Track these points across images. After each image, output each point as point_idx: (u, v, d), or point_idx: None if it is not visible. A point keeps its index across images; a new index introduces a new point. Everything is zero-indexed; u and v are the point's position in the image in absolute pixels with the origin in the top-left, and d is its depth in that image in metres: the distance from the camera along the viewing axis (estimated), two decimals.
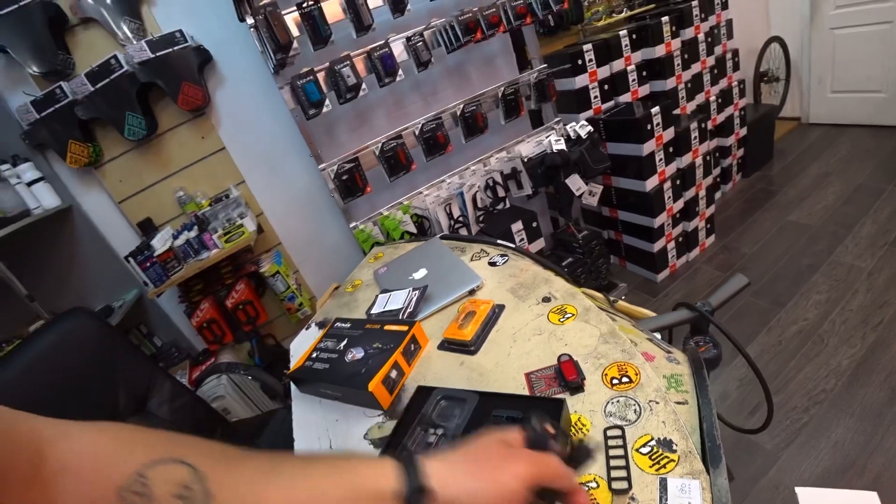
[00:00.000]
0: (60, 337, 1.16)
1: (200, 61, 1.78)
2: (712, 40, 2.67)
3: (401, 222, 1.72)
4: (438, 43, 1.76)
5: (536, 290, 0.92)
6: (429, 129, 1.79)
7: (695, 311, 0.95)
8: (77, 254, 1.92)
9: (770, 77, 3.51)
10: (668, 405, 0.60)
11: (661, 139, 2.14)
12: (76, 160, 1.73)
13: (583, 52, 2.19)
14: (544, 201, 2.33)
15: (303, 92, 1.53)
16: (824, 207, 2.54)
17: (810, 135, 3.41)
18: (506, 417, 0.59)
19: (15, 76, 1.69)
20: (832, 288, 2.01)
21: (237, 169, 1.99)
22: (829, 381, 1.63)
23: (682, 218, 2.41)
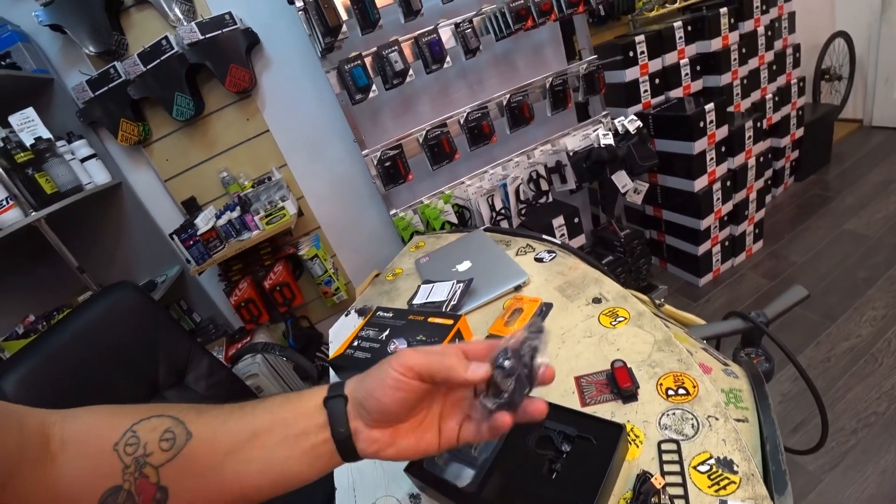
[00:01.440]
0: (107, 308, 1.20)
1: (248, 44, 1.79)
2: (772, 34, 2.52)
3: (442, 212, 1.70)
4: (487, 30, 1.71)
5: (586, 290, 0.89)
6: (474, 118, 1.75)
7: (749, 321, 0.90)
8: (124, 229, 1.99)
9: (832, 75, 3.31)
10: (729, 422, 0.57)
11: (713, 138, 2.04)
12: (127, 138, 1.78)
13: (634, 43, 2.10)
14: (586, 197, 2.27)
15: (350, 76, 1.52)
16: (885, 217, 2.38)
17: (872, 138, 3.21)
18: (558, 432, 0.57)
19: (72, 56, 1.75)
20: (890, 305, 1.88)
21: (280, 152, 2.00)
22: (882, 404, 1.54)
23: (730, 221, 2.31)
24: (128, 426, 0.41)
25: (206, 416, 0.43)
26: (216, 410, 0.44)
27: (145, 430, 0.41)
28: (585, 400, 0.66)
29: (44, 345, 1.05)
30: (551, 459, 0.55)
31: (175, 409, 0.43)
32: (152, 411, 0.43)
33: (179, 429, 0.41)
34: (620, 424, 0.55)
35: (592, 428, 0.56)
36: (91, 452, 0.40)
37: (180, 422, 0.42)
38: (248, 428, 0.42)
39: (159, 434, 0.41)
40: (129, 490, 0.39)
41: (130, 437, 0.40)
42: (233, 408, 0.44)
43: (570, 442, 0.56)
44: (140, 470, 0.39)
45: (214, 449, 0.42)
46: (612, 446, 0.52)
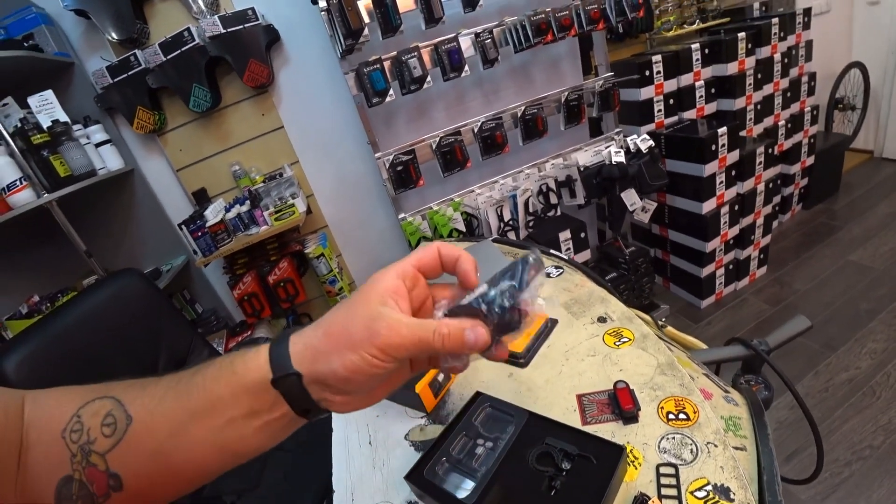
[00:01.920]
0: (112, 294, 1.21)
1: (269, 40, 1.81)
2: (789, 61, 2.53)
3: (450, 219, 1.71)
4: (507, 41, 1.72)
5: (592, 308, 0.89)
6: (488, 127, 1.76)
7: (751, 349, 0.91)
8: (133, 216, 2.00)
9: (846, 105, 3.31)
10: (727, 450, 0.57)
11: (724, 161, 2.05)
12: (142, 126, 1.80)
13: (651, 62, 2.12)
14: (594, 212, 2.28)
15: (368, 79, 1.54)
16: (891, 250, 2.38)
17: (882, 170, 3.21)
18: (559, 449, 0.57)
19: (94, 42, 1.77)
20: (891, 338, 1.88)
21: (293, 148, 2.02)
22: (877, 438, 1.54)
23: (736, 245, 2.31)
24: (73, 410, 0.39)
25: (146, 393, 0.40)
26: (154, 387, 0.41)
27: (88, 414, 0.39)
28: (587, 418, 0.67)
29: (48, 327, 1.06)
30: (551, 476, 0.55)
31: (120, 387, 0.41)
32: (98, 392, 0.40)
33: (119, 412, 0.39)
34: (621, 446, 0.55)
35: (593, 447, 0.56)
36: (45, 439, 0.39)
37: (121, 404, 0.39)
38: (183, 408, 0.39)
39: (101, 419, 0.38)
40: (80, 480, 0.38)
41: (75, 423, 0.39)
42: (169, 383, 0.40)
43: (570, 460, 0.56)
44: (87, 458, 0.38)
45: (154, 432, 0.39)
46: (612, 467, 0.53)
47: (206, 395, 0.39)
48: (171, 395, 0.40)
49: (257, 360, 0.39)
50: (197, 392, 0.39)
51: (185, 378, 0.40)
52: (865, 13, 3.17)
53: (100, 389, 0.41)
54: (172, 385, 0.40)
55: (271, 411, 0.39)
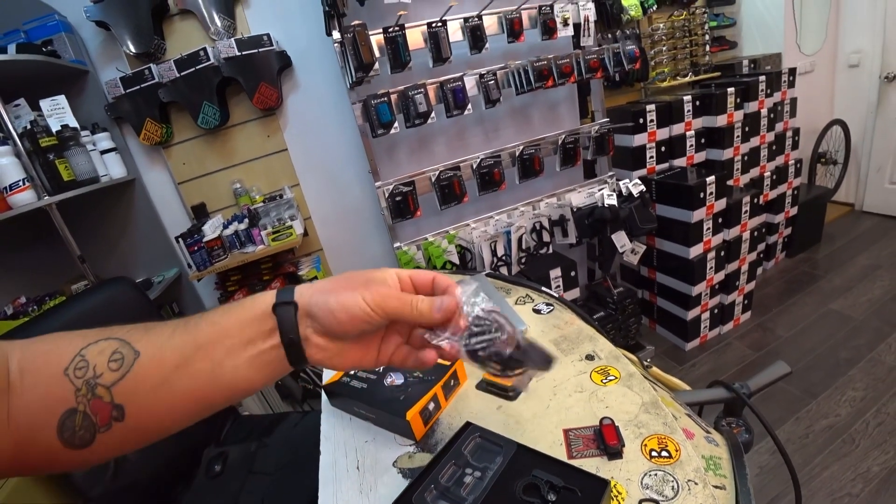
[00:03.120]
0: (103, 302, 1.20)
1: (281, 65, 1.87)
2: (775, 116, 2.66)
3: (445, 251, 1.74)
4: (509, 84, 1.80)
5: (580, 345, 0.92)
6: (486, 164, 1.82)
7: (732, 391, 0.93)
8: (130, 225, 2.00)
9: (828, 159, 3.46)
10: (707, 488, 0.59)
11: (711, 208, 2.12)
12: (149, 137, 1.82)
13: (645, 111, 2.21)
14: (584, 251, 2.33)
15: (375, 111, 1.59)
16: (869, 301, 2.45)
17: (862, 223, 3.33)
18: (545, 481, 0.59)
19: (111, 52, 1.81)
20: (870, 387, 1.92)
21: (294, 171, 2.06)
22: (856, 486, 1.55)
23: (721, 290, 2.37)
24: (76, 350, 0.41)
25: (152, 333, 0.43)
26: (162, 327, 0.44)
27: (93, 353, 0.41)
28: (572, 453, 0.69)
29: (33, 330, 1.03)
30: None
31: (122, 330, 0.44)
32: (100, 335, 0.43)
33: (126, 349, 0.42)
34: (605, 480, 0.57)
35: (578, 480, 0.58)
36: (44, 379, 0.40)
37: (127, 342, 0.42)
38: (192, 341, 0.43)
39: (108, 356, 0.41)
40: (85, 411, 0.40)
41: (79, 361, 0.41)
42: (177, 323, 0.45)
43: (555, 492, 0.57)
44: (92, 391, 0.40)
45: (162, 364, 0.42)
46: (597, 500, 0.54)
47: (215, 327, 0.44)
48: (179, 331, 0.44)
49: (266, 297, 0.45)
50: (206, 326, 0.44)
51: (195, 318, 0.45)
52: (846, 74, 3.35)
53: (100, 332, 0.43)
54: (181, 325, 0.44)
55: (265, 340, 0.44)
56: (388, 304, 0.45)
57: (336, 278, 0.47)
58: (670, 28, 2.68)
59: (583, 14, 1.84)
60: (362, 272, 0.47)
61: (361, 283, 0.45)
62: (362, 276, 0.47)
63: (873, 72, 3.14)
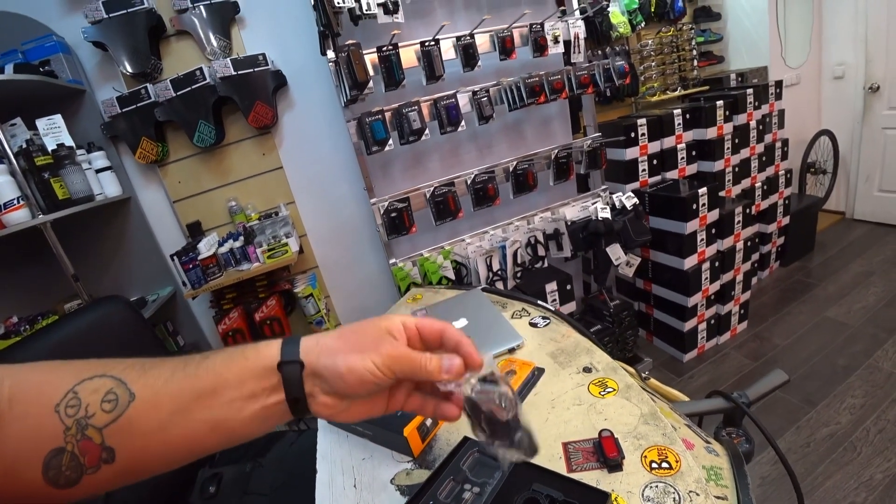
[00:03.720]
0: (95, 321, 1.18)
1: (276, 84, 1.89)
2: (763, 128, 2.71)
3: (441, 266, 1.74)
4: (502, 100, 1.82)
5: (577, 358, 0.92)
6: (481, 180, 1.83)
7: (731, 401, 0.93)
8: (125, 243, 1.99)
9: (817, 169, 3.51)
10: (709, 499, 0.59)
11: (704, 220, 2.14)
12: (145, 156, 1.83)
13: (636, 125, 2.24)
14: (579, 264, 2.34)
15: (370, 129, 1.60)
16: (864, 308, 2.47)
17: (854, 231, 3.36)
18: (545, 495, 0.59)
19: (107, 72, 1.82)
20: (868, 394, 1.92)
21: (290, 189, 2.06)
22: (860, 494, 1.54)
23: (717, 300, 2.38)
24: (69, 386, 0.40)
25: (150, 374, 0.42)
26: (159, 368, 0.43)
27: (87, 391, 0.40)
28: (572, 466, 0.68)
29: (26, 349, 1.02)
30: None
31: (118, 366, 0.42)
32: (95, 370, 0.42)
33: (122, 389, 0.40)
34: (606, 492, 0.57)
35: (578, 494, 0.58)
36: (33, 413, 0.39)
37: (122, 382, 0.41)
38: (191, 388, 0.42)
39: (101, 395, 0.40)
40: (73, 451, 0.39)
41: (72, 399, 0.40)
42: (176, 365, 0.43)
43: None
44: (82, 431, 0.39)
45: (158, 409, 0.41)
46: None
47: (215, 377, 0.43)
48: (178, 376, 0.42)
49: (269, 349, 0.44)
50: (206, 375, 0.43)
51: (194, 362, 0.44)
52: (831, 86, 3.42)
53: (96, 367, 0.42)
54: (180, 367, 0.43)
55: (269, 396, 0.43)
56: (398, 366, 0.45)
57: (343, 334, 0.46)
58: (658, 44, 2.73)
59: (573, 31, 1.88)
60: (369, 325, 0.47)
61: (371, 343, 0.45)
62: (370, 331, 0.46)
63: (857, 83, 3.21)
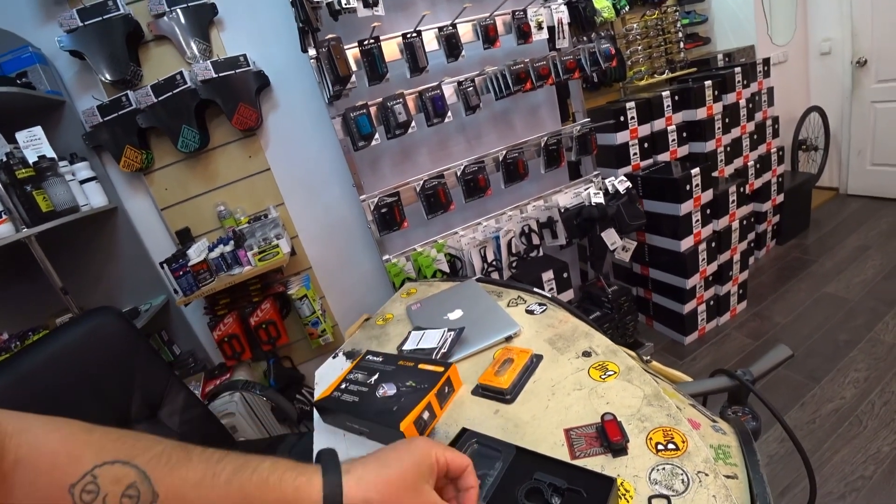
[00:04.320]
0: (87, 333, 1.16)
1: (259, 85, 1.86)
2: (753, 106, 2.70)
3: (434, 260, 1.72)
4: (488, 89, 1.80)
5: (576, 343, 0.90)
6: (471, 171, 1.81)
7: (735, 379, 0.92)
8: (114, 253, 1.96)
9: (809, 146, 3.50)
10: (719, 478, 0.57)
11: (699, 200, 2.13)
12: (129, 165, 1.80)
13: (625, 109, 2.23)
14: (575, 252, 2.33)
15: (355, 124, 1.58)
16: (863, 282, 2.46)
17: (848, 206, 3.36)
18: (548, 484, 0.56)
19: (86, 81, 1.79)
20: (871, 367, 1.91)
21: (278, 190, 2.04)
22: (868, 468, 1.53)
23: (715, 281, 2.37)
24: (88, 468, 0.37)
25: (176, 474, 0.40)
26: (186, 468, 0.40)
27: (107, 478, 0.37)
28: (575, 453, 0.66)
29: (16, 365, 1.00)
30: None
31: (144, 454, 0.40)
32: (118, 451, 0.39)
33: (145, 487, 0.38)
34: (611, 478, 0.54)
35: (583, 480, 0.55)
36: (44, 485, 0.37)
37: (146, 478, 0.39)
38: (220, 501, 0.40)
39: (122, 489, 0.37)
40: None
41: (89, 483, 0.37)
42: (206, 469, 0.41)
43: (559, 494, 0.55)
44: None
45: None
46: (603, 500, 0.52)
47: (246, 499, 0.41)
48: (207, 484, 0.40)
49: (310, 488, 0.42)
50: (237, 494, 0.41)
51: (226, 472, 0.41)
52: (819, 62, 3.42)
53: (119, 446, 0.40)
54: (209, 474, 0.41)
55: None
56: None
57: (387, 484, 0.45)
58: (644, 28, 2.71)
59: (556, 17, 1.86)
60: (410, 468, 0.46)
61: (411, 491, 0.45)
62: (410, 479, 0.46)
63: (845, 58, 3.21)
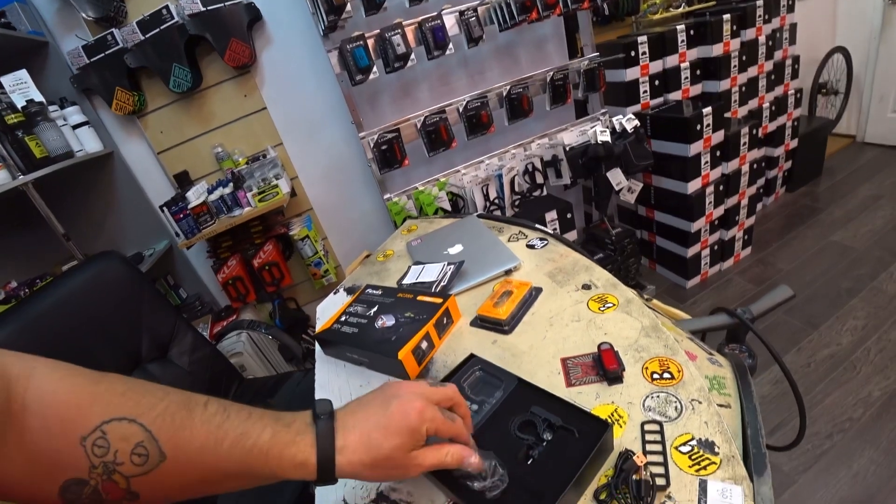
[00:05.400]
0: (92, 278, 1.17)
1: (250, 19, 1.77)
2: (773, 44, 2.55)
3: (436, 198, 1.70)
4: (492, 20, 1.71)
5: (576, 276, 0.89)
6: (473, 107, 1.75)
7: (734, 317, 0.92)
8: (114, 200, 1.96)
9: (829, 90, 3.35)
10: (711, 406, 0.58)
11: (709, 141, 2.06)
12: (121, 107, 1.76)
13: (637, 43, 2.11)
14: (580, 194, 2.29)
15: (351, 56, 1.51)
16: (871, 231, 2.43)
17: (864, 154, 3.25)
18: (543, 419, 0.57)
19: (69, 20, 1.71)
20: (871, 315, 1.92)
21: (276, 130, 1.99)
22: (857, 410, 1.57)
23: (721, 225, 2.34)
24: (97, 423, 0.39)
25: (181, 435, 0.42)
26: (191, 430, 0.42)
27: (116, 435, 0.39)
28: (571, 381, 0.67)
29: (24, 311, 1.02)
30: (530, 445, 0.55)
31: (147, 411, 0.41)
32: (124, 407, 0.41)
33: (153, 446, 0.40)
34: (606, 422, 0.54)
35: (577, 421, 0.56)
36: (56, 435, 0.38)
37: (153, 438, 0.40)
38: (225, 468, 0.43)
39: (131, 447, 0.39)
40: (96, 487, 0.39)
41: (99, 439, 0.39)
42: (208, 436, 0.43)
43: (552, 431, 0.55)
44: (109, 475, 0.39)
45: (185, 475, 0.42)
46: (593, 444, 0.52)
47: (246, 467, 0.43)
48: (210, 447, 0.42)
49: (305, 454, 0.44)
50: (238, 458, 0.43)
51: (226, 443, 0.43)
52: None
53: (124, 405, 0.41)
54: (211, 440, 0.43)
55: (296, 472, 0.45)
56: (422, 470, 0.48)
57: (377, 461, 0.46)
58: None
59: None
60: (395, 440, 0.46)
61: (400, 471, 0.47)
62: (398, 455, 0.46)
63: None
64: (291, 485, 1.02)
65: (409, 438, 0.46)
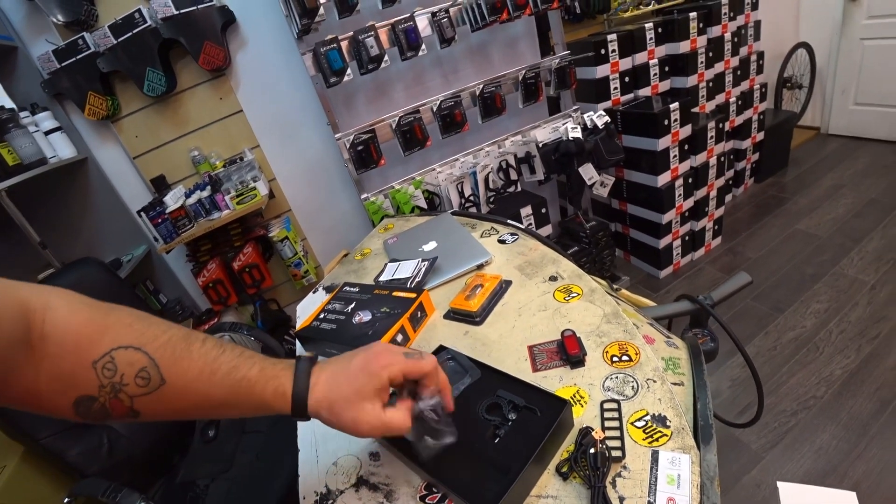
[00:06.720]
0: (70, 285, 1.14)
1: (224, 21, 1.77)
2: (738, 41, 2.63)
3: (412, 197, 1.73)
4: (464, 20, 1.74)
5: (544, 269, 0.94)
6: (447, 106, 1.78)
7: (696, 303, 0.97)
8: (90, 206, 1.94)
9: (793, 83, 3.47)
10: (665, 384, 0.62)
11: (677, 136, 2.13)
12: (94, 112, 1.74)
13: (606, 41, 2.17)
14: (555, 189, 2.34)
15: (325, 59, 1.53)
16: (834, 219, 2.53)
17: (828, 146, 3.38)
18: (508, 401, 0.61)
19: (38, 24, 1.69)
20: (833, 299, 2.02)
21: (253, 132, 1.99)
22: (820, 389, 1.66)
23: (691, 217, 2.42)
24: (106, 349, 0.45)
25: (181, 364, 0.47)
26: (189, 361, 0.48)
27: (123, 360, 0.45)
28: (537, 366, 0.71)
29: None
30: (496, 425, 0.59)
31: (151, 341, 0.47)
32: (130, 337, 0.46)
33: (154, 371, 0.46)
34: (565, 400, 0.59)
35: (539, 400, 0.60)
36: (70, 359, 0.44)
37: (156, 365, 0.46)
38: (217, 396, 0.49)
39: (136, 371, 0.45)
40: (104, 404, 0.45)
41: (108, 362, 0.44)
42: (203, 367, 0.48)
43: (516, 411, 0.60)
44: (115, 394, 0.45)
45: (182, 399, 0.48)
46: (554, 419, 0.56)
47: (234, 398, 0.50)
48: (204, 378, 0.48)
49: (284, 391, 0.50)
50: (228, 388, 0.49)
51: (219, 373, 0.49)
52: None
53: (131, 335, 0.47)
54: (206, 371, 0.48)
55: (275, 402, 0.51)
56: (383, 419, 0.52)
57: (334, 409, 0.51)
58: None
59: None
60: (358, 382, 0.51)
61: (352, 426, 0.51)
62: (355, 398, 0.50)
63: None
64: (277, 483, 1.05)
65: (369, 382, 0.51)
